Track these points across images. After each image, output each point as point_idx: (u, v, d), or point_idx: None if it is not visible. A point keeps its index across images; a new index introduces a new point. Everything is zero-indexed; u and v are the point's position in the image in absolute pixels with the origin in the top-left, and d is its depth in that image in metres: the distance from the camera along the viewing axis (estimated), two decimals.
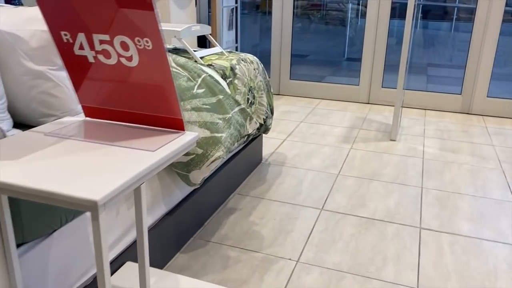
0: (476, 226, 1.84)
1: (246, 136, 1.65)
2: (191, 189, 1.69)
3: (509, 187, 2.20)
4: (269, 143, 2.74)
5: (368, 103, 3.75)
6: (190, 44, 3.36)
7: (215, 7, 3.48)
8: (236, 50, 3.60)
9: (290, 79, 3.94)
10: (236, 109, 1.58)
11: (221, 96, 1.51)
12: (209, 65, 1.82)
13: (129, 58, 0.83)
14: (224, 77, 1.80)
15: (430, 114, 3.46)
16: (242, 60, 2.04)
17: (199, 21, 4.00)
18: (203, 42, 3.68)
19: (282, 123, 3.14)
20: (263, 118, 2.17)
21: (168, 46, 2.18)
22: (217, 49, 2.12)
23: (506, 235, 1.77)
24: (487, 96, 3.43)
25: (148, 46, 0.80)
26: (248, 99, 2.01)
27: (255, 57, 2.23)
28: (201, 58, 1.95)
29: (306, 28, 5.99)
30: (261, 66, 2.24)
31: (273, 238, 1.73)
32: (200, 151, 1.36)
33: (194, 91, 1.42)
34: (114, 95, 0.90)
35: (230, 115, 1.51)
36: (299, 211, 1.94)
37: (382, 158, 2.55)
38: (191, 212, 1.69)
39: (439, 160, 2.54)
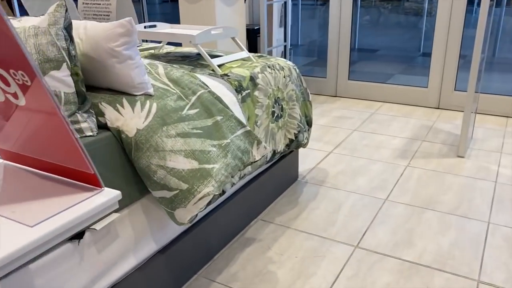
0: None
1: (252, 164, 1.39)
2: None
3: None
4: (311, 156, 2.44)
5: (438, 108, 3.27)
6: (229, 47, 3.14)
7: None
8: (285, 50, 3.31)
9: (348, 79, 3.57)
10: (239, 132, 1.32)
11: (219, 118, 1.26)
12: (224, 75, 1.58)
13: (14, 95, 0.62)
14: (239, 89, 1.55)
15: None
16: (269, 67, 1.77)
17: (251, 18, 3.76)
18: (254, 40, 3.43)
19: (332, 132, 2.81)
20: (294, 133, 1.88)
21: (190, 50, 1.98)
22: (243, 54, 1.87)
23: None
24: None
25: (26, 81, 0.58)
26: (273, 112, 1.74)
27: (288, 62, 1.95)
28: (220, 66, 1.72)
29: (376, 21, 5.50)
30: (295, 72, 1.95)
31: (289, 283, 1.46)
32: (184, 186, 1.12)
33: (184, 112, 1.19)
34: (19, 138, 0.70)
35: (228, 141, 1.26)
36: (328, 247, 1.63)
37: (444, 180, 2.13)
38: (195, 245, 1.47)
39: None
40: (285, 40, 3.26)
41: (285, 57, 3.34)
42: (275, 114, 1.76)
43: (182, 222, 1.17)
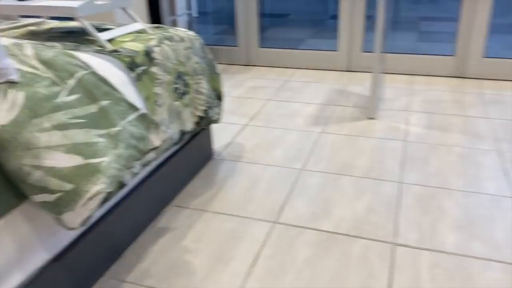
0: (465, 238, 1.46)
1: (154, 151, 1.25)
2: (97, 212, 1.31)
3: (506, 176, 1.81)
4: (226, 131, 2.34)
5: (349, 71, 3.31)
6: (136, 15, 2.89)
7: None
8: (190, 18, 3.12)
9: (259, 46, 3.48)
10: (131, 116, 1.17)
11: (105, 102, 1.10)
12: (113, 52, 1.39)
13: None
14: (132, 66, 1.38)
15: (419, 81, 3.03)
16: (167, 39, 1.61)
17: None
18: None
19: (247, 103, 2.72)
20: (203, 110, 1.76)
21: (77, 24, 1.74)
22: (137, 26, 1.68)
23: (501, 249, 1.40)
24: (484, 57, 2.97)
25: None
26: (177, 89, 1.60)
27: (189, 32, 1.79)
28: (110, 41, 1.52)
29: None
30: (198, 43, 1.80)
31: (206, 271, 1.37)
32: (68, 186, 0.96)
33: (60, 99, 1.01)
34: None
35: (119, 128, 1.10)
36: (247, 227, 1.56)
37: (357, 144, 2.15)
38: (99, 244, 1.31)
39: (424, 142, 2.13)
40: (189, 8, 3.06)
41: (190, 27, 3.15)
42: (179, 91, 1.62)
43: (72, 226, 1.02)
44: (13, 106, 0.93)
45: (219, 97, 1.93)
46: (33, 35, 1.63)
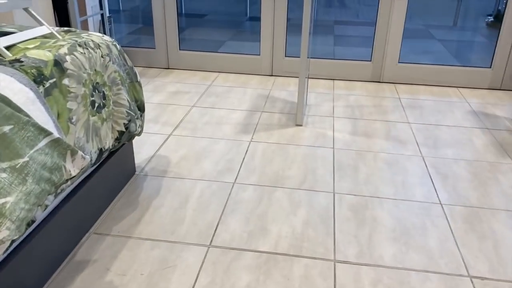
0: (401, 249, 1.47)
1: (67, 181, 1.07)
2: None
3: (432, 181, 1.87)
4: (148, 142, 2.16)
5: (272, 75, 3.27)
6: (43, 17, 2.58)
7: None
8: (102, 19, 2.87)
9: (179, 49, 3.31)
10: (42, 143, 0.98)
11: (7, 128, 0.90)
12: (14, 62, 1.17)
13: None
14: (40, 79, 1.18)
15: (339, 86, 3.08)
16: (80, 46, 1.41)
17: None
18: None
19: (169, 110, 2.56)
20: (124, 123, 1.58)
21: None
22: (42, 29, 1.45)
23: (436, 259, 1.42)
24: (399, 62, 3.11)
25: None
26: (93, 102, 1.41)
27: (106, 37, 1.60)
28: (10, 48, 1.29)
29: None
30: (115, 49, 1.62)
31: None
32: None
33: None
34: None
35: (25, 159, 0.91)
36: (179, 254, 1.42)
37: (287, 153, 2.10)
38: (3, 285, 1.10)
39: (351, 148, 2.15)
40: (101, 8, 2.80)
41: (104, 27, 2.89)
42: (96, 104, 1.43)
43: None
44: None
45: (140, 107, 1.76)
46: None
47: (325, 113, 2.57)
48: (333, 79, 3.20)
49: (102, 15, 2.80)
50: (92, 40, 1.50)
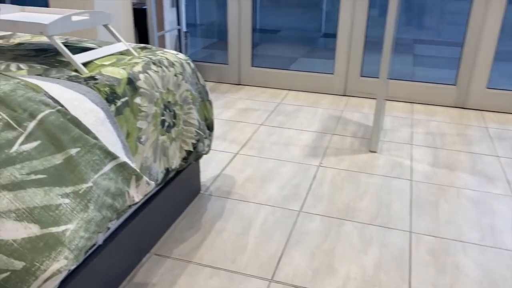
0: None
1: (130, 207, 1.04)
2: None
3: None
4: (215, 160, 2.13)
5: (345, 95, 3.14)
6: (123, 34, 2.66)
7: None
8: (179, 34, 2.91)
9: (252, 65, 3.29)
10: (107, 167, 0.95)
11: (74, 151, 0.88)
12: (89, 79, 1.17)
13: None
14: (112, 98, 1.16)
15: (419, 110, 2.87)
16: (155, 64, 1.40)
17: None
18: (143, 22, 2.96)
19: (237, 127, 2.52)
20: (193, 143, 1.55)
21: (36, 40, 1.51)
22: (119, 46, 1.46)
23: None
24: (488, 87, 2.84)
25: None
26: (163, 121, 1.38)
27: (180, 55, 1.59)
28: (87, 64, 1.30)
29: (276, 1, 5.29)
30: (189, 67, 1.59)
31: None
32: (19, 265, 0.74)
33: (14, 149, 0.79)
34: None
35: (89, 185, 0.88)
36: (239, 286, 1.34)
37: (359, 182, 1.96)
38: None
39: (431, 182, 1.96)
40: (178, 23, 2.85)
41: (180, 43, 2.94)
42: (166, 124, 1.40)
43: None
44: None
45: (209, 126, 1.72)
46: None
47: (403, 140, 2.40)
48: (412, 103, 3.00)
49: (179, 30, 2.84)
50: (167, 58, 1.48)
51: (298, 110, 2.82)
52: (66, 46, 1.51)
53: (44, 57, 1.36)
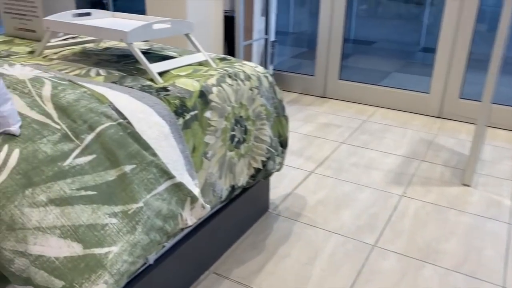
0: None
1: (182, 230, 0.98)
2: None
3: None
4: (288, 177, 2.03)
5: (440, 117, 2.86)
6: (204, 41, 2.69)
7: None
8: (265, 44, 2.86)
9: (339, 78, 3.14)
10: (161, 187, 0.90)
11: (129, 168, 0.84)
12: (161, 90, 1.15)
13: None
14: (181, 111, 1.13)
15: None
16: (230, 77, 1.35)
17: (232, 2, 3.30)
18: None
19: (316, 144, 2.40)
20: (262, 161, 1.47)
21: (122, 45, 1.54)
22: (198, 56, 1.43)
23: None
24: None
25: None
26: (233, 136, 1.32)
27: (259, 68, 1.52)
28: (163, 74, 1.29)
29: (374, 10, 5.05)
30: (266, 81, 1.52)
31: None
32: (58, 284, 0.71)
33: (68, 162, 0.77)
34: None
35: (139, 205, 0.84)
36: None
37: (447, 219, 1.74)
38: None
39: None
40: (266, 33, 2.80)
41: (265, 53, 2.89)
42: (236, 139, 1.34)
43: None
44: (1, 169, 0.70)
45: (283, 144, 1.64)
46: (83, 56, 1.44)
47: (503, 175, 2.10)
48: None
49: (266, 40, 2.80)
50: (244, 71, 1.43)
51: (385, 130, 2.62)
52: (148, 53, 1.52)
53: (125, 63, 1.37)
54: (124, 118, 0.92)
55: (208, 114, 1.22)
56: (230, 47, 2.94)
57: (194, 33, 2.57)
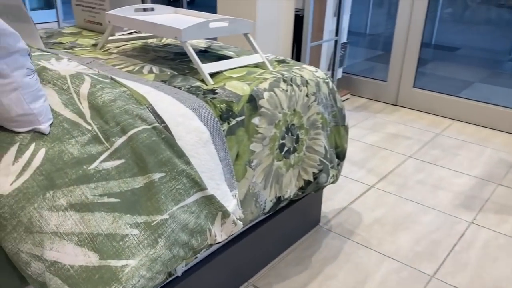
0: None
1: (210, 246, 0.91)
2: None
3: None
4: (345, 189, 1.91)
5: None
6: (270, 40, 2.61)
7: None
8: (335, 46, 2.72)
9: (414, 86, 2.93)
10: (191, 199, 0.84)
11: (158, 176, 0.79)
12: (209, 92, 1.10)
13: None
14: (227, 116, 1.07)
15: None
16: (285, 81, 1.26)
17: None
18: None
19: (380, 155, 2.24)
20: (314, 173, 1.37)
21: (196, 44, 1.50)
22: (255, 58, 1.37)
23: None
24: None
25: None
26: (282, 145, 1.24)
27: (319, 73, 1.42)
28: (215, 75, 1.23)
29: (461, 14, 4.68)
30: (326, 87, 1.42)
31: None
32: None
33: (94, 166, 0.73)
34: None
35: (165, 217, 0.79)
36: None
37: None
38: None
39: None
40: (336, 34, 2.67)
41: (334, 56, 2.76)
42: (285, 148, 1.26)
43: None
44: (25, 169, 0.68)
45: (339, 155, 1.52)
46: (142, 51, 1.44)
47: None
48: None
49: (335, 42, 2.66)
50: (301, 76, 1.34)
51: (460, 146, 2.39)
52: (206, 52, 1.48)
53: (180, 61, 1.34)
54: (162, 121, 0.87)
55: (256, 120, 1.15)
56: (299, 48, 2.84)
57: (263, 32, 2.51)
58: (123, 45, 1.52)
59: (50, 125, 0.74)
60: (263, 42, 2.52)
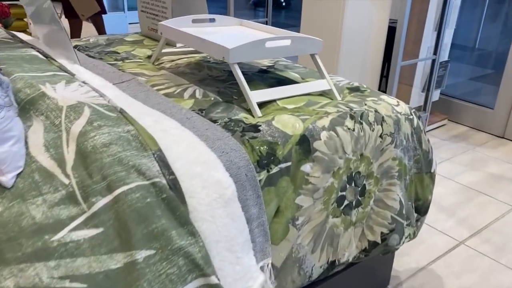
0: None
1: None
2: None
3: None
4: (426, 244, 1.58)
5: None
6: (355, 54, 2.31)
7: None
8: (432, 66, 2.34)
9: None
10: (190, 285, 0.62)
11: (144, 253, 0.59)
12: (250, 128, 0.89)
13: None
14: (267, 162, 0.84)
15: None
16: (353, 117, 1.01)
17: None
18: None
19: (477, 202, 1.85)
20: (382, 233, 1.09)
21: (256, 63, 1.29)
22: (322, 84, 1.12)
23: None
24: None
25: None
26: (341, 198, 0.99)
27: (400, 107, 1.13)
28: (266, 103, 1.02)
29: None
30: (409, 126, 1.13)
31: None
32: None
33: (61, 235, 0.56)
34: None
35: None
36: None
37: None
38: None
39: None
40: (435, 52, 2.29)
41: (430, 77, 2.38)
42: (345, 202, 1.00)
43: None
44: None
45: (420, 209, 1.22)
46: (195, 68, 1.27)
47: None
48: None
49: (433, 61, 2.28)
50: (376, 110, 1.06)
51: None
52: (267, 72, 1.27)
53: (230, 84, 1.15)
54: (170, 173, 0.68)
55: (307, 167, 0.91)
56: (389, 65, 2.51)
57: (348, 43, 2.24)
58: (178, 59, 1.37)
59: (18, 175, 0.58)
60: (347, 55, 2.24)
